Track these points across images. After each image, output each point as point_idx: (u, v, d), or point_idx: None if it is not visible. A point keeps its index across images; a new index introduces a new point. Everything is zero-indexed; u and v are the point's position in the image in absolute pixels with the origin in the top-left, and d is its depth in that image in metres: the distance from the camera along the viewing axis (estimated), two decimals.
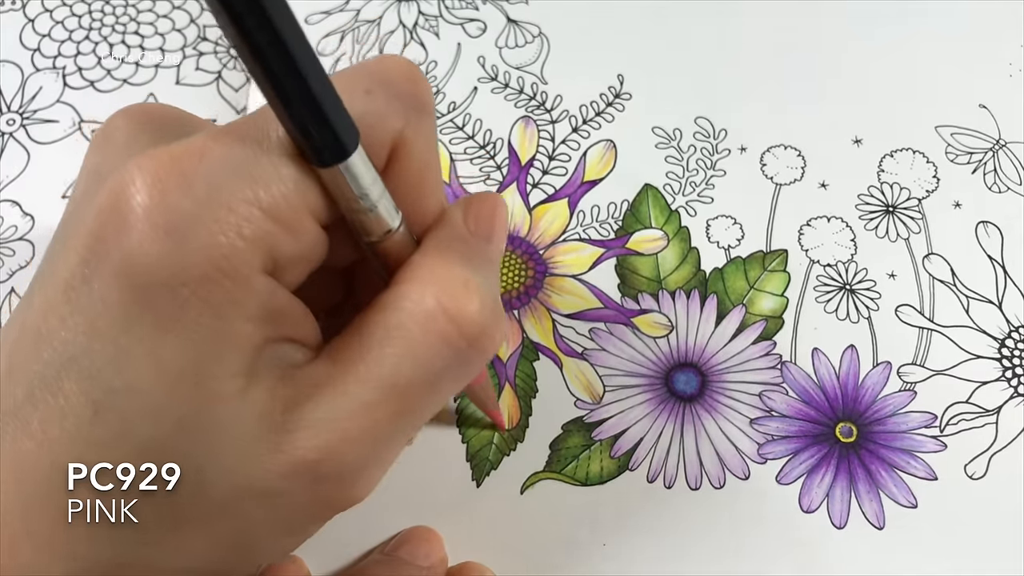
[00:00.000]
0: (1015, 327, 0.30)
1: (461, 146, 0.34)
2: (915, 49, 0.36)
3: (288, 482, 0.18)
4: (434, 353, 0.18)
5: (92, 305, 0.16)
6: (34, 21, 0.37)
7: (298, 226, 0.18)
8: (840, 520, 0.27)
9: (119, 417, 0.17)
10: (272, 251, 0.17)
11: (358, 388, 0.18)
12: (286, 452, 0.17)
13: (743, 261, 0.32)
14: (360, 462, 0.19)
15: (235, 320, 0.17)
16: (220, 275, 0.16)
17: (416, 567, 0.26)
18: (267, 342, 0.18)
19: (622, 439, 0.29)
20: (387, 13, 0.37)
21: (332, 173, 0.17)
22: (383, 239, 0.19)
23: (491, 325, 0.19)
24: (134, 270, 0.16)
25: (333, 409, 0.18)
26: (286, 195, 0.17)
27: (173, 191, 0.16)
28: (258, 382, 0.17)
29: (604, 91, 0.35)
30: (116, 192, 0.16)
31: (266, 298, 0.17)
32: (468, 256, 0.20)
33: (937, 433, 0.29)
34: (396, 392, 0.18)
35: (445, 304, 0.18)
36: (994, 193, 0.33)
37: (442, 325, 0.18)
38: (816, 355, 0.30)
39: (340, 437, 0.18)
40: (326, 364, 0.18)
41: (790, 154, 0.34)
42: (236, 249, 0.16)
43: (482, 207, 0.21)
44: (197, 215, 0.16)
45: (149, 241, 0.16)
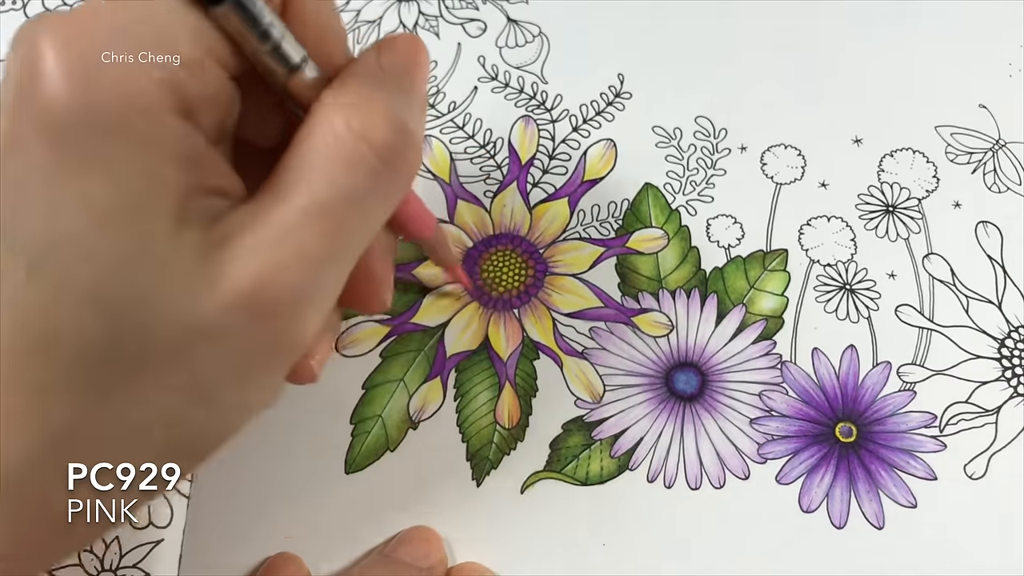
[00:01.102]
0: (1015, 327, 0.30)
1: (461, 145, 0.34)
2: (915, 49, 0.36)
3: (228, 317, 0.18)
4: (348, 172, 0.19)
5: (18, 168, 0.17)
6: None
7: (203, 69, 0.18)
8: (840, 520, 0.27)
9: (55, 268, 0.17)
10: (179, 91, 0.18)
11: (281, 215, 0.18)
12: (222, 285, 0.18)
13: (743, 260, 0.32)
14: (297, 290, 0.19)
15: (155, 158, 0.17)
16: (133, 112, 0.17)
17: (415, 567, 0.26)
18: (193, 190, 0.18)
19: (622, 439, 0.29)
20: (387, 13, 0.37)
21: (226, 14, 0.18)
22: (292, 78, 0.20)
23: (402, 144, 0.19)
24: (51, 119, 0.17)
25: (262, 238, 0.18)
26: (187, 38, 0.18)
27: (77, 42, 0.17)
28: (189, 225, 0.18)
29: (604, 90, 0.35)
30: (26, 58, 0.17)
31: (182, 139, 0.18)
32: (378, 84, 0.20)
33: (937, 433, 0.29)
34: (319, 213, 0.19)
35: (352, 123, 0.19)
36: (994, 193, 0.33)
37: (351, 143, 0.19)
38: (816, 355, 0.30)
39: (272, 263, 0.18)
40: (251, 205, 0.19)
41: (790, 153, 0.34)
42: (144, 88, 0.17)
43: (396, 43, 0.21)
44: (103, 60, 0.17)
45: (61, 88, 0.17)
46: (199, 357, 0.18)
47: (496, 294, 0.31)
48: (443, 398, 0.29)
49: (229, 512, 0.27)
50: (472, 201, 0.33)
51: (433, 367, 0.30)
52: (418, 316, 0.30)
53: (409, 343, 0.30)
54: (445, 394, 0.29)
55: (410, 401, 0.29)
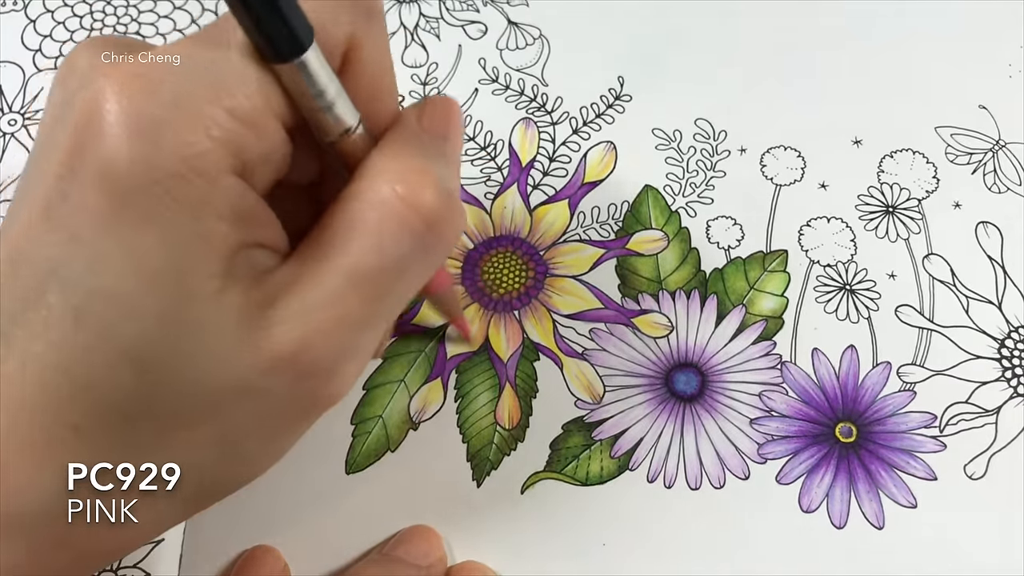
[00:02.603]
0: (1015, 327, 0.30)
1: (462, 147, 0.34)
2: (915, 49, 0.36)
3: (268, 378, 0.18)
4: (395, 238, 0.19)
5: (71, 216, 0.17)
6: (36, 22, 0.37)
7: (263, 126, 0.18)
8: (840, 520, 0.27)
9: (100, 320, 0.17)
10: (239, 151, 0.18)
11: (326, 280, 0.19)
12: (264, 348, 0.18)
13: (743, 261, 0.32)
14: (336, 353, 0.19)
15: (209, 219, 0.17)
16: (191, 173, 0.17)
17: (413, 566, 0.26)
18: (241, 246, 0.18)
19: (622, 439, 0.29)
20: (388, 15, 0.37)
21: (290, 70, 0.18)
22: (342, 138, 0.20)
23: (448, 210, 0.19)
24: (109, 174, 0.17)
25: (305, 303, 0.18)
26: (249, 95, 0.18)
27: (142, 98, 0.17)
28: (234, 284, 0.18)
29: (604, 93, 0.35)
30: (88, 105, 0.17)
31: (236, 199, 0.18)
32: (422, 150, 0.20)
33: (937, 433, 0.29)
34: (363, 280, 0.19)
35: (400, 191, 0.19)
36: (994, 193, 0.33)
37: (399, 210, 0.19)
38: (816, 355, 0.30)
39: (315, 329, 0.18)
40: (294, 264, 0.19)
41: (790, 155, 0.34)
42: (205, 149, 0.17)
43: (436, 107, 0.22)
44: (166, 118, 0.17)
45: (122, 145, 0.17)
46: (232, 415, 0.19)
47: (496, 296, 0.31)
48: (443, 399, 0.29)
49: (229, 512, 0.28)
50: (473, 203, 0.33)
51: (434, 368, 0.30)
52: (419, 317, 0.31)
53: (410, 344, 0.30)
54: (446, 395, 0.29)
55: (411, 402, 0.29)
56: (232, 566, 0.27)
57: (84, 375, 0.17)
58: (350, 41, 0.19)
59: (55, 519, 0.18)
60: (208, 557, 0.27)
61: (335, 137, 0.20)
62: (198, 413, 0.18)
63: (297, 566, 0.27)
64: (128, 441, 0.18)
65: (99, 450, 0.18)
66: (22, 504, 0.18)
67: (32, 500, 0.18)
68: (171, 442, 0.18)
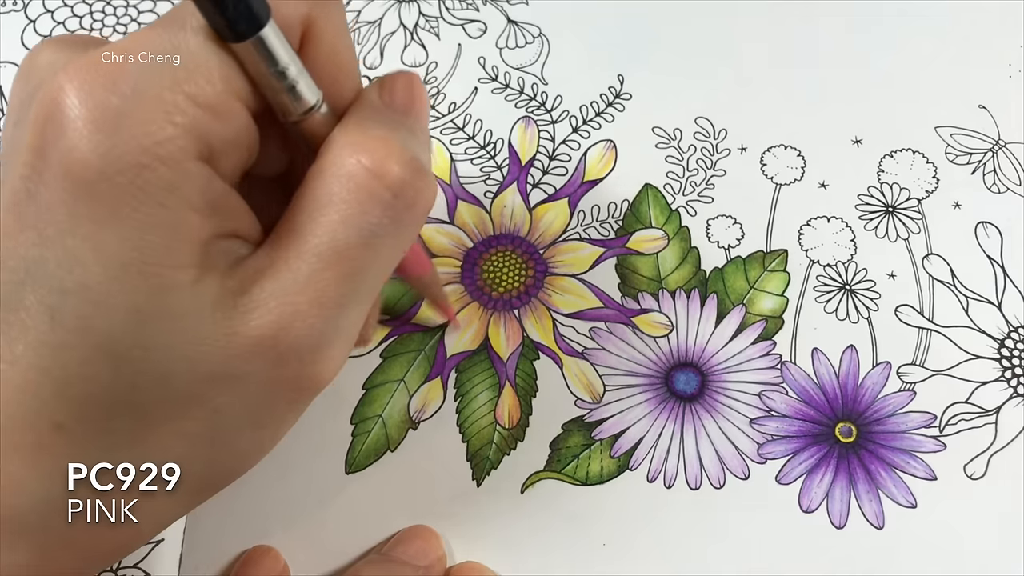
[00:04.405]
0: (1014, 327, 0.30)
1: (462, 146, 0.34)
2: (915, 49, 0.36)
3: (249, 364, 0.18)
4: (363, 210, 0.19)
5: (39, 215, 0.17)
6: (35, 22, 0.37)
7: (225, 109, 0.18)
8: (840, 520, 0.27)
9: (74, 317, 0.17)
10: (203, 136, 0.18)
11: (299, 262, 0.19)
12: (242, 334, 0.18)
13: (743, 261, 0.32)
14: (317, 334, 0.19)
15: (177, 207, 0.17)
16: (155, 161, 0.17)
17: (412, 566, 0.26)
18: (214, 236, 0.18)
19: (622, 439, 0.29)
20: (388, 14, 0.37)
21: (249, 49, 0.18)
22: (305, 118, 0.20)
23: (415, 178, 0.19)
24: (72, 168, 0.17)
25: (280, 285, 0.18)
26: (210, 79, 0.18)
27: (101, 91, 0.17)
28: (209, 273, 0.18)
29: (604, 91, 0.35)
30: (48, 103, 0.17)
31: (204, 185, 0.18)
32: (385, 122, 0.20)
33: (937, 433, 0.29)
34: (335, 257, 0.19)
35: (364, 161, 0.19)
36: (994, 193, 0.33)
37: (364, 180, 0.19)
38: (816, 355, 0.30)
39: (292, 311, 0.18)
40: (268, 249, 0.19)
41: (790, 154, 0.34)
42: (167, 136, 0.17)
43: (396, 81, 0.21)
44: (126, 109, 0.17)
45: (84, 139, 0.16)
46: (217, 403, 0.19)
47: (496, 294, 0.31)
48: (443, 398, 0.29)
49: (229, 512, 0.28)
50: (472, 202, 0.33)
51: (433, 367, 0.30)
52: (418, 317, 0.31)
53: (409, 343, 0.30)
54: (445, 394, 0.29)
55: (410, 401, 0.29)
56: (232, 566, 0.27)
57: (62, 373, 0.17)
58: (307, 19, 0.19)
59: (54, 520, 0.18)
60: (208, 557, 0.27)
61: (298, 117, 0.20)
62: (181, 404, 0.18)
63: (297, 566, 0.27)
64: (113, 436, 0.18)
65: (84, 446, 0.18)
66: (18, 505, 0.18)
67: (27, 501, 0.18)
68: (158, 435, 0.18)
